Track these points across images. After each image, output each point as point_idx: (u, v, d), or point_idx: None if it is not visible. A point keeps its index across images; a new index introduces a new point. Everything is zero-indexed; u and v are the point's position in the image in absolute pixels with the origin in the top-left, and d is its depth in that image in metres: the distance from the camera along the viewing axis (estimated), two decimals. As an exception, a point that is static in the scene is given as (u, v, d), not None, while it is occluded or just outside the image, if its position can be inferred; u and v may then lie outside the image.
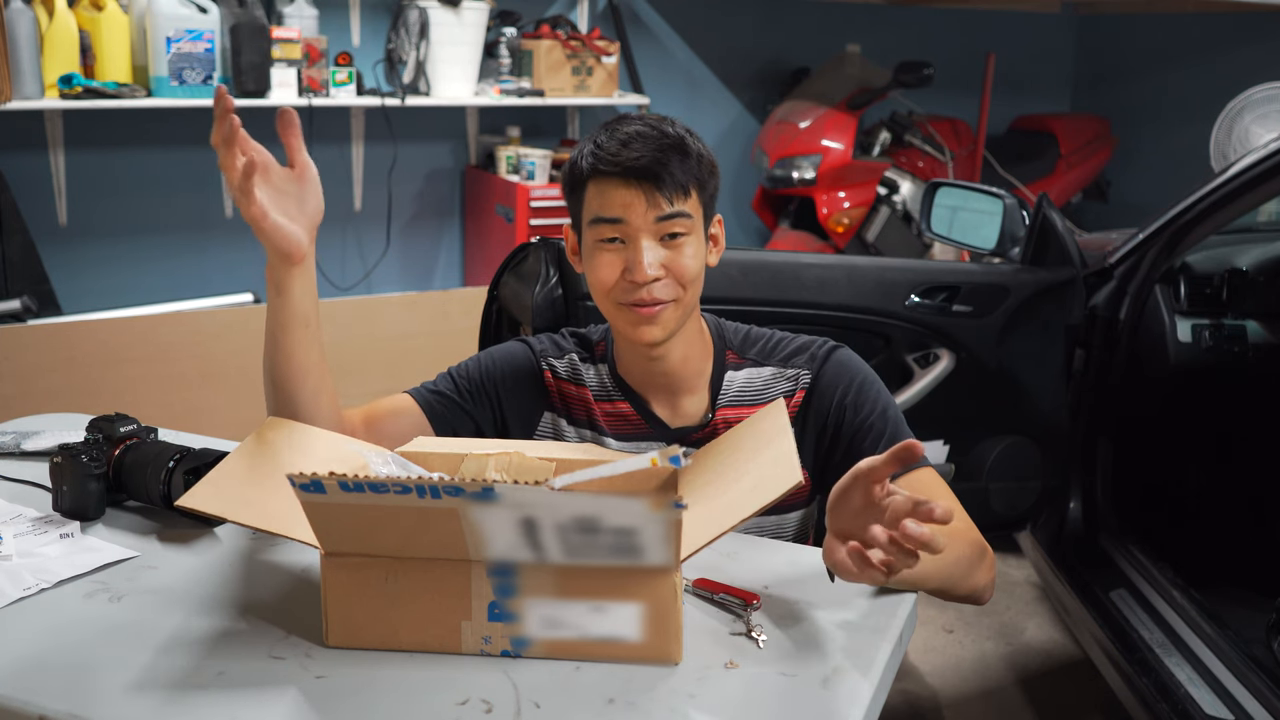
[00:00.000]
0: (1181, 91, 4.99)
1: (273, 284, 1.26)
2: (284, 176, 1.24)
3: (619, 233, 1.32)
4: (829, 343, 1.45)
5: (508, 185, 4.03)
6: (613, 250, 1.33)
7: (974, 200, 2.47)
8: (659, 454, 0.93)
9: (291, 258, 1.24)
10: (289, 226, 1.23)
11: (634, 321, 1.34)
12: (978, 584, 1.25)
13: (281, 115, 1.22)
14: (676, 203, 1.31)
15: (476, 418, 1.44)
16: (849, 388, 1.40)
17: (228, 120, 1.16)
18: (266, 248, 1.24)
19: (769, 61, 4.82)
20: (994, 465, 2.33)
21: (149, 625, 1.09)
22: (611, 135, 1.32)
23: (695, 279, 1.35)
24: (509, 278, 2.13)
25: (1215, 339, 2.42)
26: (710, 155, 1.36)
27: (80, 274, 3.66)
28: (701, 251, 1.36)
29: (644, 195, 1.30)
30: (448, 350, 1.61)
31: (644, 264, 1.30)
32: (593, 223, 1.33)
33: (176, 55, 3.33)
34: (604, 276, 1.34)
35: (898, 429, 1.38)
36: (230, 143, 1.17)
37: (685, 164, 1.31)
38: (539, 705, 0.97)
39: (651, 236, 1.31)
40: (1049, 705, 2.50)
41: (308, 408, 1.31)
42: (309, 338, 1.29)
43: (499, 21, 4.03)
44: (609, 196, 1.31)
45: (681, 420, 1.44)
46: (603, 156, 1.31)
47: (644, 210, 1.30)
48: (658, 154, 1.30)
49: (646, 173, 1.29)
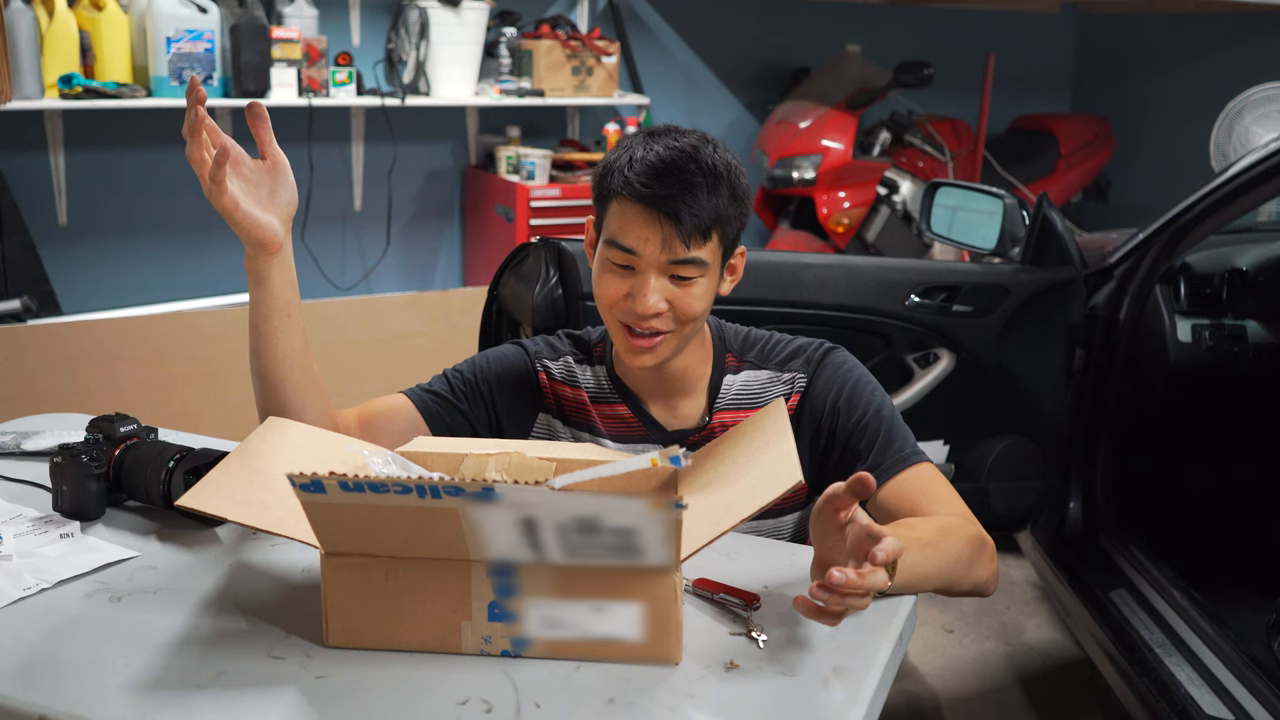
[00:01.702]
0: (1181, 91, 4.99)
1: (252, 275, 1.28)
2: (255, 169, 1.27)
3: (630, 262, 1.30)
4: (825, 345, 1.45)
5: (508, 185, 4.03)
6: (620, 274, 1.32)
7: (974, 200, 2.47)
8: (659, 454, 0.93)
9: (267, 247, 1.26)
10: (262, 216, 1.25)
11: (628, 347, 1.34)
12: (980, 578, 1.25)
13: (250, 108, 1.24)
14: (694, 247, 1.28)
15: (472, 418, 1.44)
16: (843, 389, 1.40)
17: (195, 110, 1.18)
18: (242, 239, 1.25)
19: (769, 61, 4.82)
20: (994, 465, 2.33)
21: (149, 625, 1.09)
22: (648, 150, 1.29)
23: (698, 317, 1.33)
24: (509, 278, 2.13)
25: (1215, 339, 2.42)
26: (744, 187, 1.32)
27: (80, 274, 3.67)
28: (711, 291, 1.34)
29: (661, 234, 1.27)
30: (448, 350, 1.61)
31: (647, 299, 1.29)
32: (607, 243, 1.32)
33: (176, 55, 3.33)
34: (608, 293, 1.33)
35: (892, 428, 1.37)
36: (196, 133, 1.19)
37: (712, 203, 1.28)
38: (539, 705, 0.97)
39: (660, 274, 1.30)
40: (1049, 705, 2.50)
41: (296, 399, 1.32)
42: (291, 327, 1.30)
43: (499, 21, 4.03)
44: (628, 224, 1.29)
45: (679, 423, 1.44)
46: (632, 181, 1.28)
47: (659, 249, 1.28)
48: (686, 192, 1.26)
49: (669, 212, 1.26)
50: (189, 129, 1.19)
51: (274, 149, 1.27)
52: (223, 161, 1.19)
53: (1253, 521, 2.45)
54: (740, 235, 1.36)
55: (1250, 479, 2.46)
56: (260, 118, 1.24)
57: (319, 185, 3.97)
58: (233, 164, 1.23)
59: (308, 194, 3.94)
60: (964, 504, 1.31)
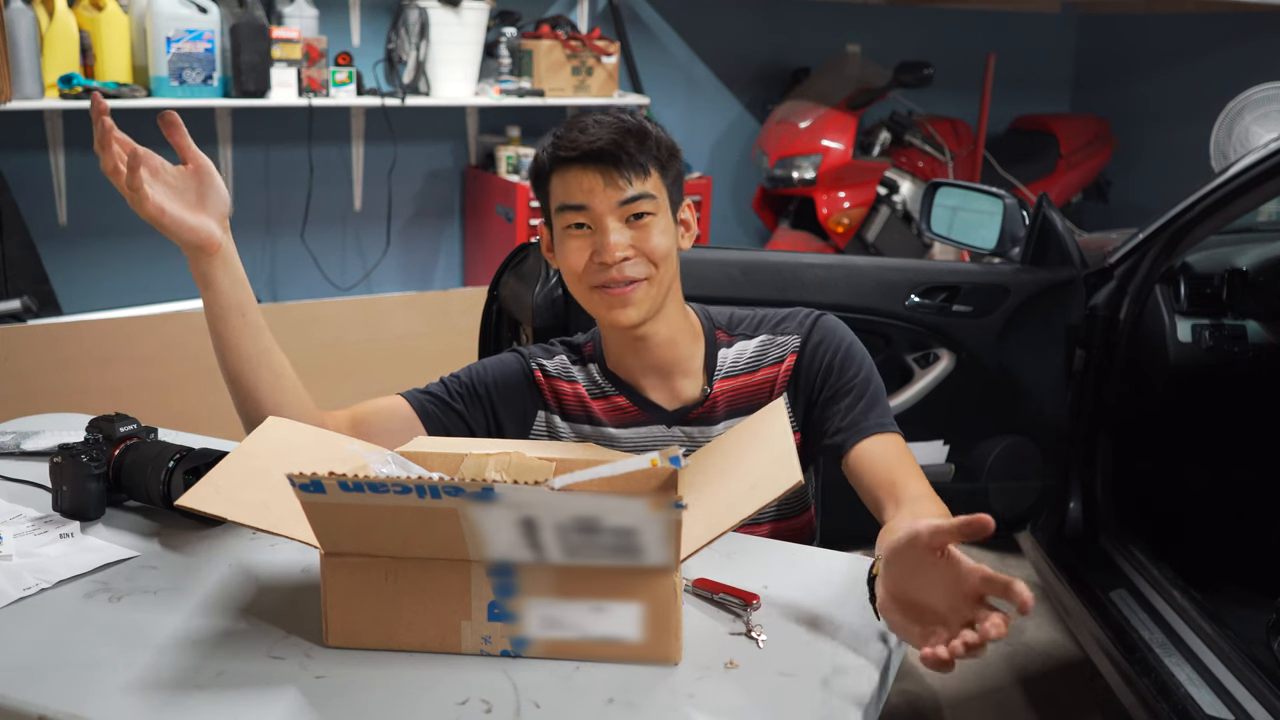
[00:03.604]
0: (1181, 91, 4.99)
1: (198, 278, 1.29)
2: (179, 174, 1.27)
3: (584, 218, 1.34)
4: (815, 311, 1.48)
5: (508, 185, 4.03)
6: (580, 236, 1.35)
7: (974, 200, 2.47)
8: (659, 454, 0.93)
9: (205, 249, 1.27)
10: (193, 219, 1.26)
11: (608, 305, 1.36)
12: None
13: (162, 116, 1.24)
14: (637, 183, 1.33)
15: (469, 420, 1.44)
16: (838, 350, 1.43)
17: (100, 123, 1.19)
18: (178, 244, 1.26)
19: (769, 61, 4.82)
20: (994, 465, 2.33)
21: (149, 625, 1.09)
22: (570, 127, 1.35)
23: (666, 256, 1.36)
24: (509, 278, 2.13)
25: (1215, 339, 2.42)
26: (670, 139, 1.38)
27: (80, 274, 3.67)
28: (671, 230, 1.38)
29: (603, 178, 1.32)
30: (448, 350, 1.61)
31: (610, 244, 1.32)
32: (559, 210, 1.36)
33: (176, 55, 3.33)
34: (574, 262, 1.36)
35: (877, 394, 1.40)
36: (107, 145, 1.20)
37: (643, 146, 1.33)
38: (539, 705, 0.97)
39: (617, 218, 1.33)
40: (1049, 705, 2.50)
41: (270, 400, 1.32)
42: (249, 326, 1.31)
43: (499, 21, 4.03)
44: (571, 183, 1.34)
45: (678, 402, 1.45)
46: (561, 144, 1.34)
47: (605, 193, 1.32)
48: (615, 137, 1.32)
49: (604, 155, 1.31)
50: (99, 143, 1.19)
51: (194, 153, 1.28)
52: (135, 167, 1.19)
53: (1253, 521, 2.45)
54: (681, 187, 1.40)
55: (1250, 479, 2.46)
56: (174, 124, 1.24)
57: (319, 185, 3.97)
58: (153, 172, 1.23)
59: (308, 194, 3.94)
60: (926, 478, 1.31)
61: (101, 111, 1.19)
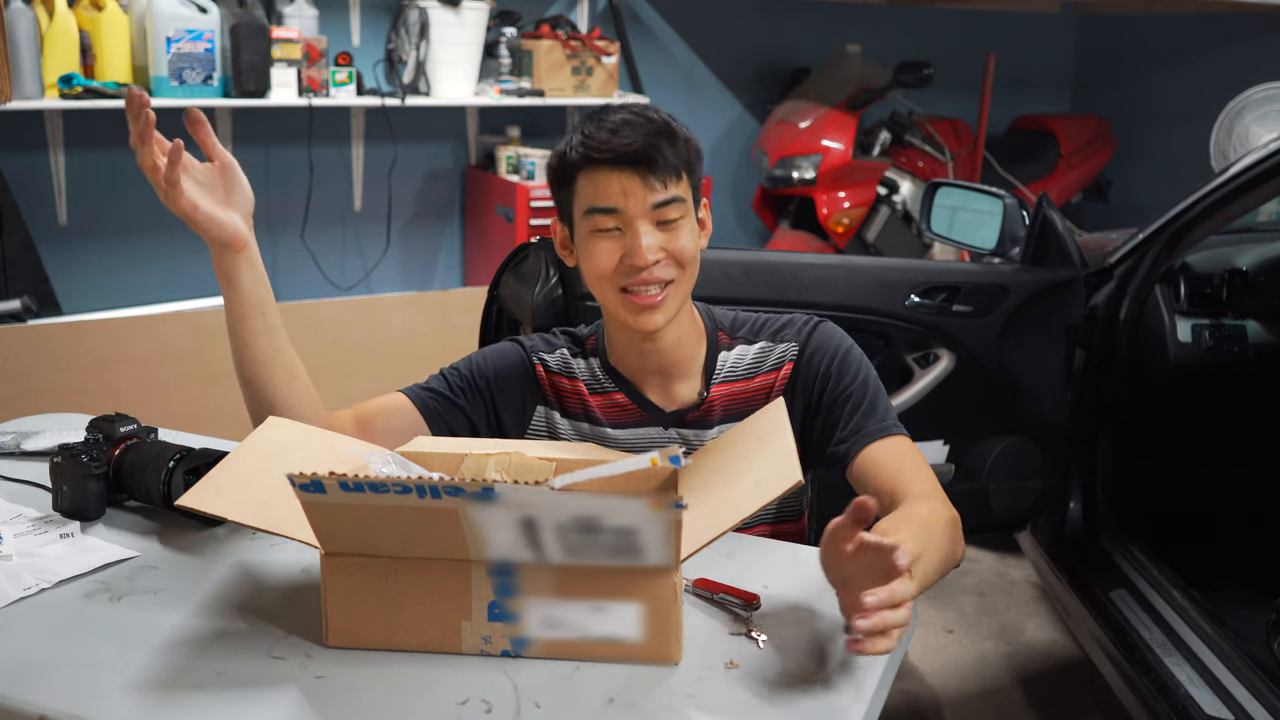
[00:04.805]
0: (1181, 91, 4.99)
1: (221, 276, 1.30)
2: (206, 171, 1.28)
3: (616, 221, 1.33)
4: (815, 317, 1.48)
5: (508, 185, 4.03)
6: (609, 238, 1.34)
7: (974, 200, 2.47)
8: (659, 454, 0.93)
9: (232, 245, 1.28)
10: (223, 215, 1.27)
11: (636, 310, 1.35)
12: (957, 558, 1.25)
13: (188, 114, 1.25)
14: (670, 187, 1.32)
15: (471, 414, 1.44)
16: (835, 357, 1.42)
17: (142, 116, 1.19)
18: (206, 240, 1.27)
19: (769, 61, 4.82)
20: (994, 465, 2.33)
21: (149, 625, 1.09)
22: (599, 125, 1.33)
23: (693, 259, 1.36)
24: (509, 278, 2.13)
25: (1215, 339, 2.42)
26: (695, 140, 1.38)
27: (80, 274, 3.66)
28: (695, 231, 1.38)
29: (639, 180, 1.31)
30: (448, 350, 1.61)
31: (643, 249, 1.31)
32: (588, 213, 1.34)
33: (176, 55, 3.33)
34: (603, 264, 1.34)
35: (876, 398, 1.40)
36: (146, 139, 1.20)
37: (675, 148, 1.32)
38: (539, 705, 0.97)
39: (649, 222, 1.32)
40: (1049, 705, 2.50)
41: (284, 400, 1.32)
42: (268, 326, 1.32)
43: (499, 21, 4.03)
44: (603, 185, 1.32)
45: (676, 403, 1.45)
46: (593, 145, 1.31)
47: (640, 196, 1.31)
48: (649, 139, 1.30)
49: (640, 158, 1.30)
50: (138, 137, 1.19)
51: (220, 150, 1.28)
52: (176, 160, 1.20)
53: (1253, 521, 2.45)
54: (700, 189, 1.40)
55: (1250, 479, 2.46)
56: (199, 122, 1.25)
57: (319, 185, 3.97)
58: (183, 168, 1.24)
59: (308, 194, 3.94)
60: (934, 476, 1.32)
61: (143, 105, 1.19)
